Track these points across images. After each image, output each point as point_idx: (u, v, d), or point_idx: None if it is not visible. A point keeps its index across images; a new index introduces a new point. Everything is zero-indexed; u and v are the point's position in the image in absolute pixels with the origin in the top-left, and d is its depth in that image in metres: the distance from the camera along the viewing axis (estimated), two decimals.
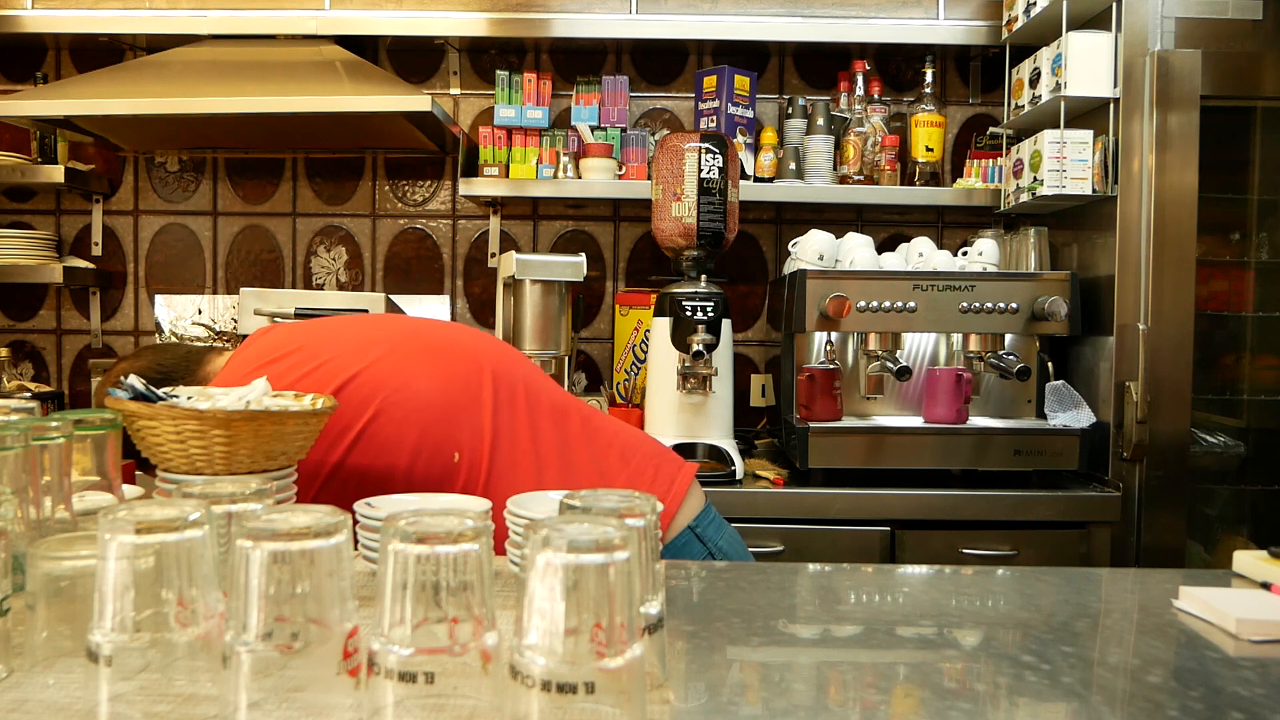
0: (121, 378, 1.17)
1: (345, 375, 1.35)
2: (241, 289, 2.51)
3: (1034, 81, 2.40)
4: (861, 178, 2.68)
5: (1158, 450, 2.15)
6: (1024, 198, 2.42)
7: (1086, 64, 2.23)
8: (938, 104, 2.77)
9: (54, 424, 0.91)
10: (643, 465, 1.45)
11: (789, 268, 2.51)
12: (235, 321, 2.87)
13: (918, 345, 2.38)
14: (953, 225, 2.92)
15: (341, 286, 2.97)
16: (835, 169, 2.70)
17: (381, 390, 1.35)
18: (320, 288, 2.96)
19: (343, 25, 2.61)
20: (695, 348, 2.16)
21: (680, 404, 2.26)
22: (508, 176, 2.70)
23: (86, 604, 0.69)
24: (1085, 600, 1.15)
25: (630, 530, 0.63)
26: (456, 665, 0.63)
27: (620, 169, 2.71)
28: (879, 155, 2.69)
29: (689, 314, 2.20)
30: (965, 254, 2.42)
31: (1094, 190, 2.26)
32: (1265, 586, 1.14)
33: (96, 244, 2.95)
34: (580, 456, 1.43)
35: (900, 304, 2.19)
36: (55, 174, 2.69)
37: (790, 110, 2.78)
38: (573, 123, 2.75)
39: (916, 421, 2.29)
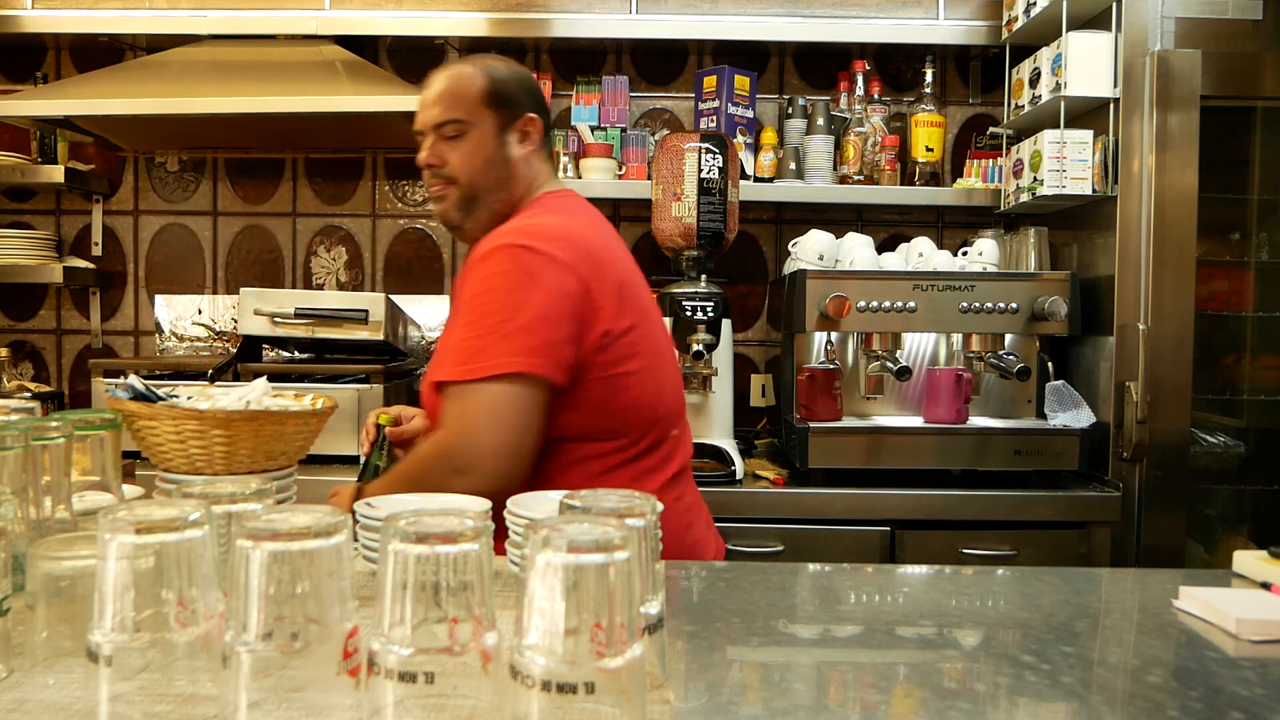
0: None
1: (630, 322, 1.45)
2: (241, 289, 2.50)
3: (1034, 81, 2.40)
4: (861, 178, 2.68)
5: (1158, 450, 2.15)
6: (1024, 198, 2.42)
7: (1086, 64, 2.23)
8: (938, 104, 2.76)
9: (54, 424, 0.91)
10: None
11: (789, 268, 2.51)
12: (235, 322, 2.87)
13: (918, 345, 2.38)
14: (953, 225, 2.92)
15: (341, 286, 2.97)
16: (835, 169, 2.70)
17: (650, 354, 1.49)
18: (320, 288, 2.96)
19: (343, 25, 2.61)
20: (695, 348, 2.16)
21: None
22: None
23: (86, 604, 0.69)
24: (1085, 600, 1.15)
25: (630, 530, 0.63)
26: (456, 665, 0.63)
27: (620, 169, 2.70)
28: (879, 155, 2.69)
29: (689, 314, 2.19)
30: (965, 254, 2.42)
31: (1094, 190, 2.26)
32: (1265, 586, 1.14)
33: (96, 244, 2.95)
34: (675, 488, 1.53)
35: (900, 304, 2.19)
36: (55, 174, 2.69)
37: (790, 110, 2.78)
38: (573, 123, 2.75)
39: (916, 421, 2.29)
